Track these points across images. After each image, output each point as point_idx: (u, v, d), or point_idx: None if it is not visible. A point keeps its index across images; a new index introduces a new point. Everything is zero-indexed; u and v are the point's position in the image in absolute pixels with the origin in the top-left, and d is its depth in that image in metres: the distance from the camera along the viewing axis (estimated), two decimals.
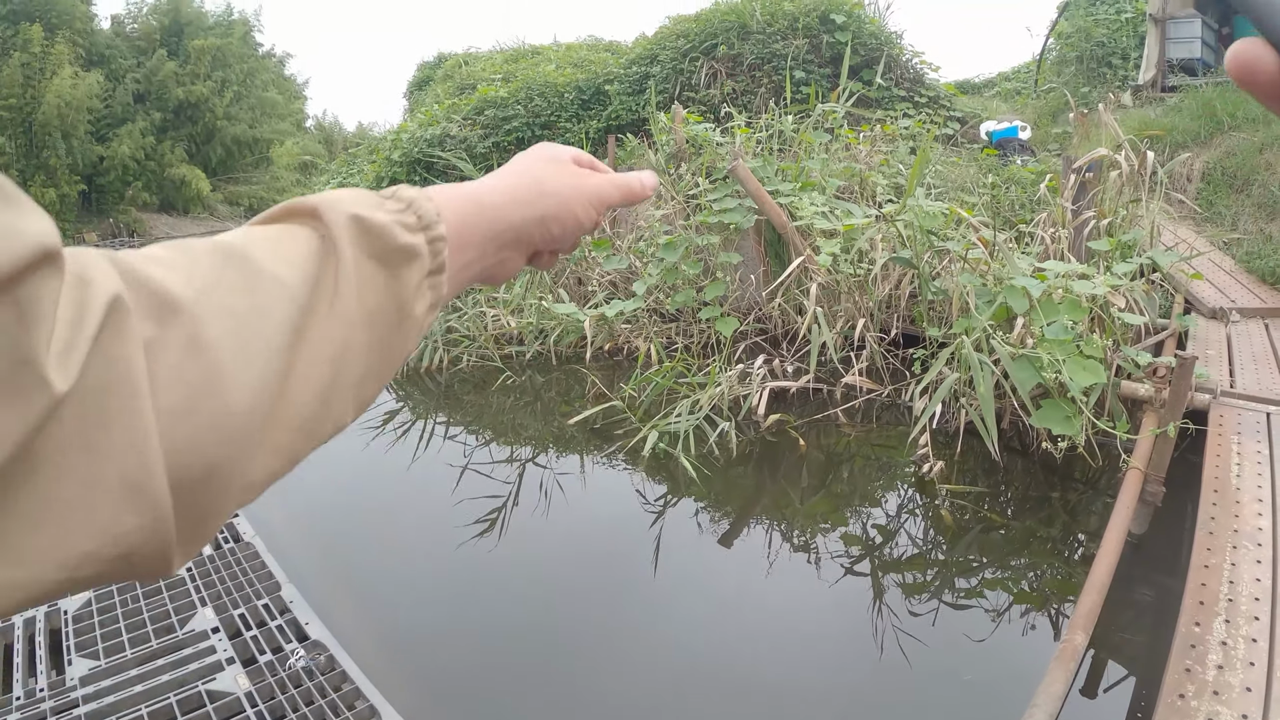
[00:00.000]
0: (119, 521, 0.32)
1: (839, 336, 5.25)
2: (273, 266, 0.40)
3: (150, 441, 0.33)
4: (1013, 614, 3.02)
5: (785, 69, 9.60)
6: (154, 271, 0.36)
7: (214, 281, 0.38)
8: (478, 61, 16.22)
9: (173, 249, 0.39)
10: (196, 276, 0.37)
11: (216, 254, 0.39)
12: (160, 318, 0.35)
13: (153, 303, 0.35)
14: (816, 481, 4.29)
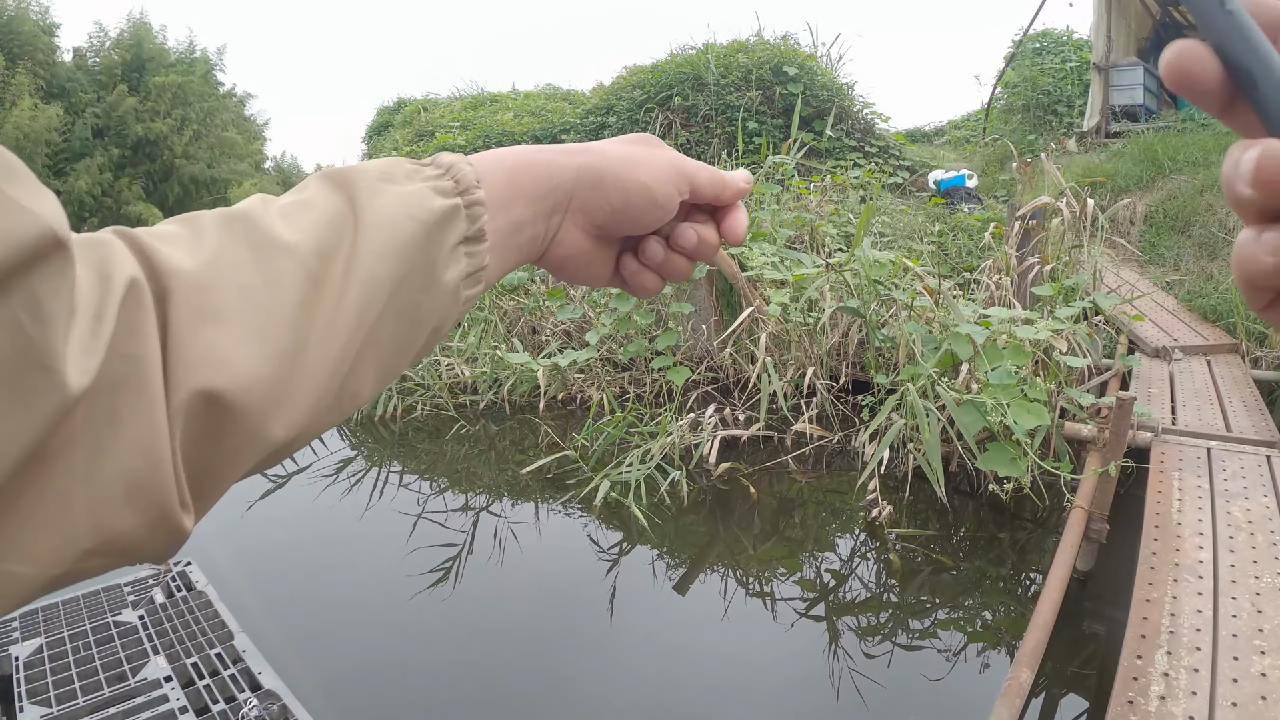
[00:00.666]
0: (120, 519, 0.32)
1: (789, 384, 5.31)
2: (284, 234, 0.39)
3: (159, 439, 0.33)
4: (967, 653, 3.06)
5: (738, 120, 9.81)
6: (162, 249, 0.36)
7: (220, 254, 0.37)
8: (436, 108, 16.31)
9: (181, 223, 0.39)
10: (203, 250, 0.37)
11: (224, 225, 0.39)
12: (167, 295, 0.34)
13: (161, 282, 0.34)
14: (769, 528, 4.32)
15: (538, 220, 0.50)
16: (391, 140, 15.62)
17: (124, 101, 27.92)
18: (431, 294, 0.44)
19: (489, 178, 0.48)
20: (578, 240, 0.53)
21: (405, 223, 0.42)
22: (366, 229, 0.41)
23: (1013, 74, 12.59)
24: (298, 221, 0.40)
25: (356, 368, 0.41)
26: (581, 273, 0.55)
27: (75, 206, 27.34)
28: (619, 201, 0.51)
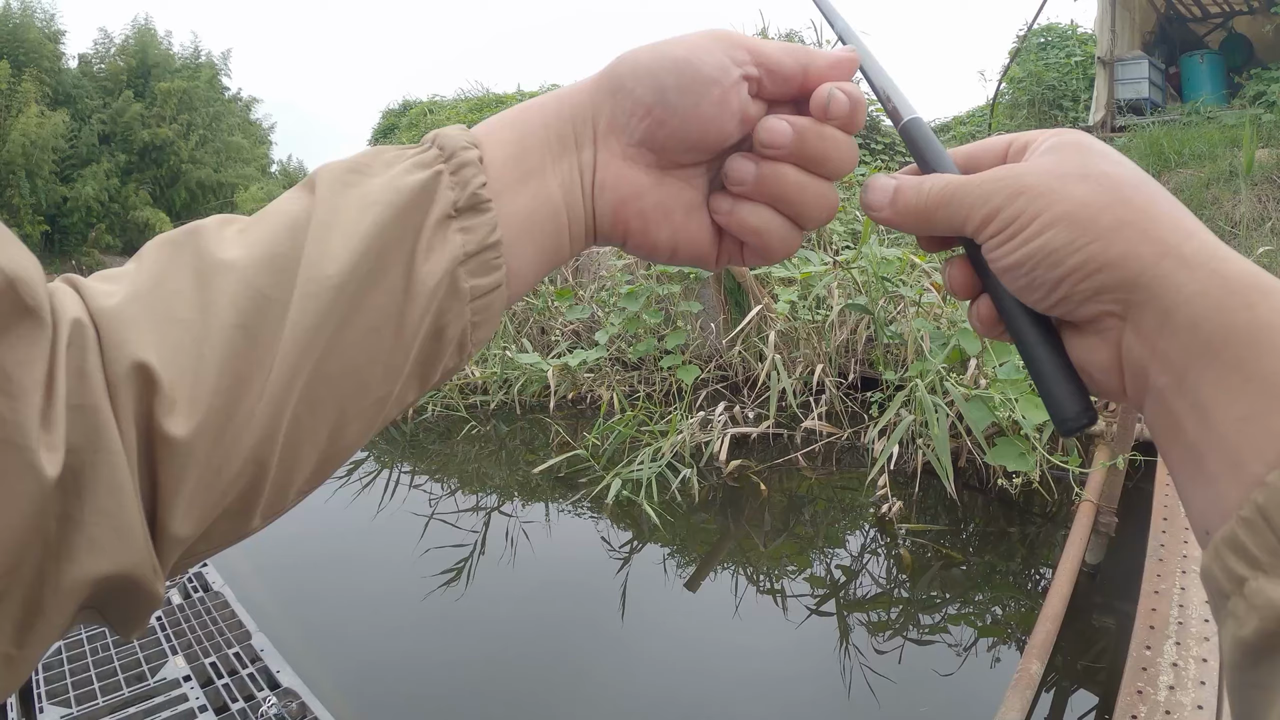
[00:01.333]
0: (86, 584, 0.29)
1: (798, 382, 5.32)
2: (226, 252, 0.34)
3: (126, 503, 0.29)
4: (978, 647, 3.07)
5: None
6: (99, 288, 0.33)
7: (152, 286, 0.33)
8: (442, 110, 16.37)
9: (134, 259, 0.35)
10: (139, 279, 0.33)
11: (164, 250, 0.35)
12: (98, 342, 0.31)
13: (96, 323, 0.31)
14: (779, 525, 4.34)
15: (560, 160, 0.40)
16: (398, 143, 15.65)
17: (130, 107, 28.03)
18: (412, 294, 0.36)
19: (489, 134, 0.40)
20: (630, 176, 0.41)
21: (368, 212, 0.35)
22: (316, 229, 0.35)
23: (1017, 69, 12.53)
24: (250, 236, 0.35)
25: (323, 395, 0.34)
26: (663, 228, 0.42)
27: (83, 212, 27.43)
28: (652, 92, 0.39)
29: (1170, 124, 9.31)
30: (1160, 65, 10.69)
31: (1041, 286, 0.36)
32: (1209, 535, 0.31)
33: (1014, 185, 0.37)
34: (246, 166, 34.72)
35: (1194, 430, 0.32)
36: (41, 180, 25.63)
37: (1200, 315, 0.31)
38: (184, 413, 0.31)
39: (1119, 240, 0.34)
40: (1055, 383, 0.38)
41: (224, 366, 0.32)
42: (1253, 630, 0.27)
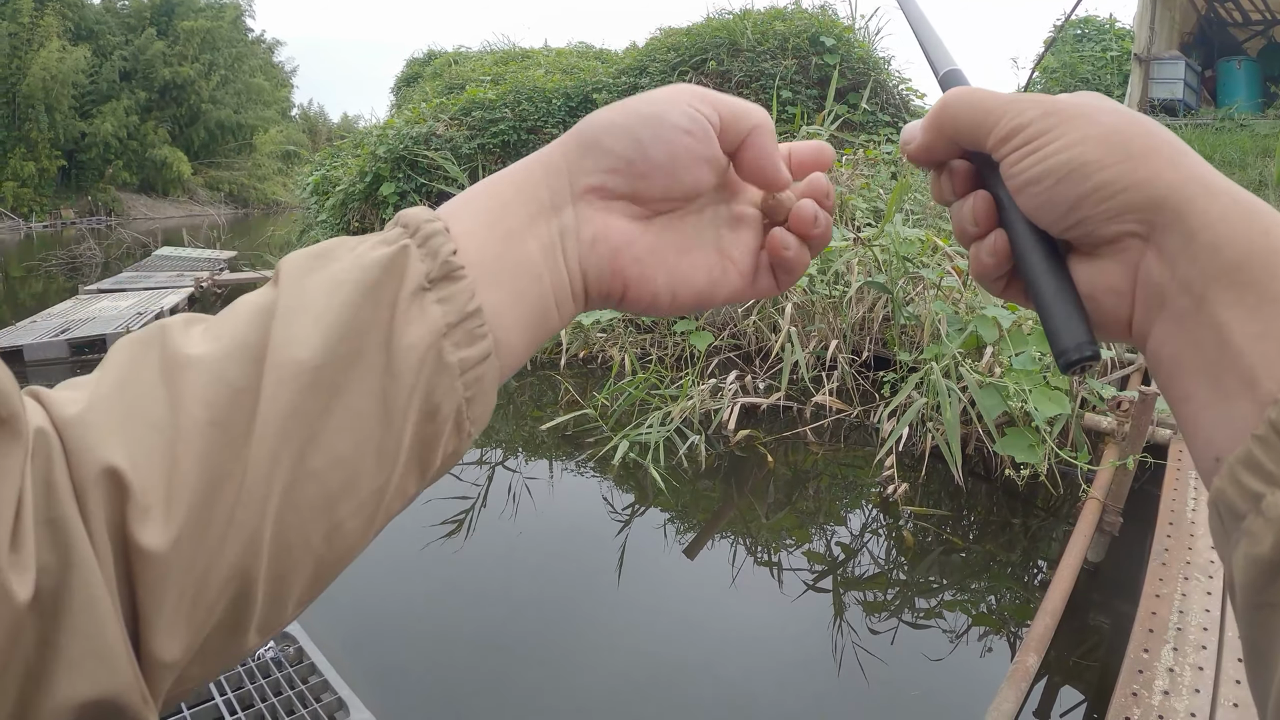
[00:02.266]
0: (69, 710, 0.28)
1: (811, 356, 5.30)
2: (192, 348, 0.32)
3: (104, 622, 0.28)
4: (970, 635, 3.07)
5: (773, 88, 9.70)
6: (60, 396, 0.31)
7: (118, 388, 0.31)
8: (467, 61, 16.22)
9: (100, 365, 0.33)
10: (103, 385, 0.31)
11: (129, 350, 0.33)
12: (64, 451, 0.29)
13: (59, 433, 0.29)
14: (783, 498, 4.34)
15: (536, 223, 0.39)
16: (421, 92, 15.53)
17: (152, 45, 27.89)
18: (394, 372, 0.34)
19: (457, 206, 0.39)
20: (618, 225, 0.41)
21: (336, 292, 0.34)
22: (282, 315, 0.33)
23: (1052, 59, 12.37)
24: (216, 330, 0.33)
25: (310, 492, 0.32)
26: (659, 272, 0.42)
27: (101, 148, 27.49)
28: (629, 146, 0.40)
29: (1203, 128, 9.22)
30: (1197, 68, 10.57)
31: (1064, 202, 0.36)
32: (1219, 462, 0.31)
33: (1047, 104, 0.37)
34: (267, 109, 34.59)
35: (1211, 351, 0.32)
36: (60, 115, 25.64)
37: (1223, 238, 0.32)
38: (159, 521, 0.29)
39: (1147, 163, 0.34)
40: (1063, 313, 0.37)
41: (199, 467, 0.30)
42: (1270, 544, 0.27)
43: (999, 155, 0.38)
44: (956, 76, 0.45)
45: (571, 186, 0.40)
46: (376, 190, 11.02)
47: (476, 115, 11.18)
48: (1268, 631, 0.28)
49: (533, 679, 2.84)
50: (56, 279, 13.47)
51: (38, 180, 25.90)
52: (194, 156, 32.09)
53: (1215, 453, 0.32)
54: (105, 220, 26.58)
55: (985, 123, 0.39)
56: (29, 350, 7.36)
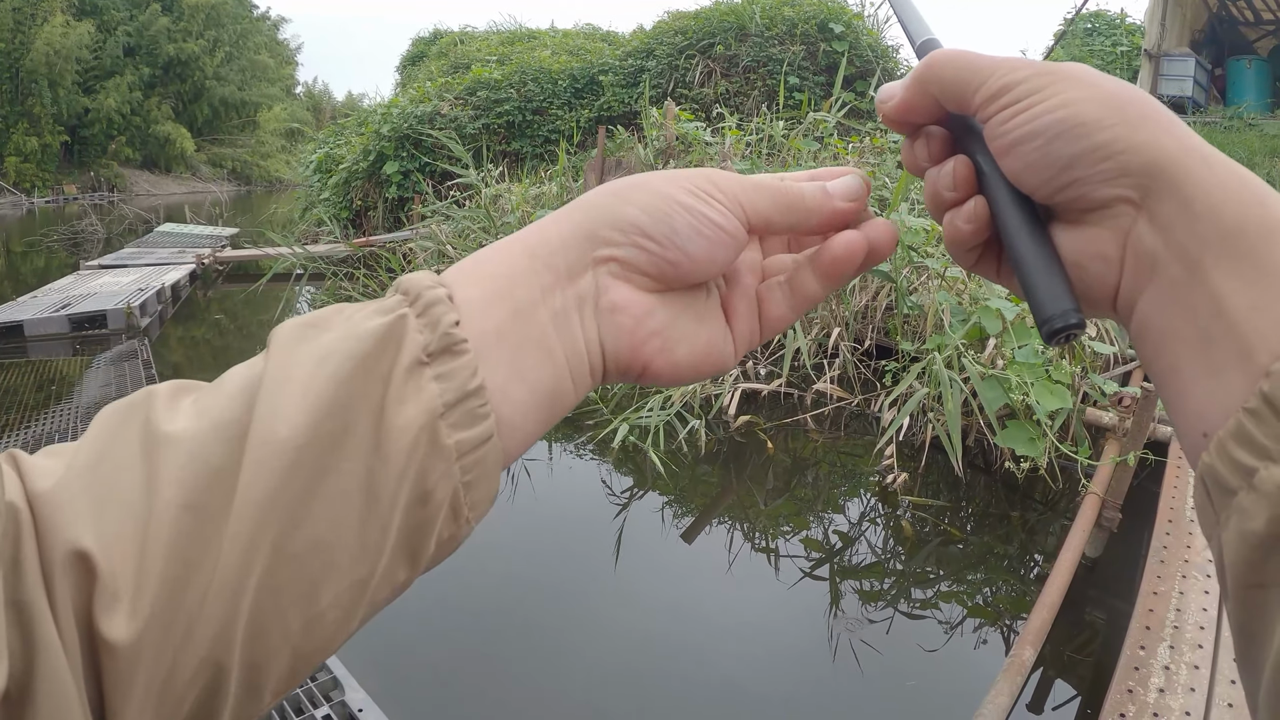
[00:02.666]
0: None
1: (813, 343, 5.28)
2: (173, 424, 0.30)
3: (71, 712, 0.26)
4: (965, 627, 3.07)
5: (780, 74, 9.64)
6: (38, 465, 0.30)
7: (95, 462, 0.30)
8: (473, 41, 16.14)
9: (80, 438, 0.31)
10: (80, 458, 0.30)
11: (111, 421, 0.31)
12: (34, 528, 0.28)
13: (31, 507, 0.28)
14: (781, 484, 4.33)
15: (551, 292, 0.37)
16: (426, 71, 15.47)
17: (156, 21, 27.75)
18: (384, 454, 0.31)
19: (463, 272, 0.36)
20: (637, 296, 0.39)
21: (324, 365, 0.31)
22: (267, 389, 0.31)
23: (1061, 52, 12.32)
24: (201, 404, 0.31)
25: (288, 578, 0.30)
26: (681, 343, 0.40)
27: (104, 124, 27.41)
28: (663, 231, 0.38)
29: (1211, 126, 9.20)
30: (1207, 65, 10.54)
31: (1056, 163, 0.35)
32: (1207, 437, 0.30)
33: (1040, 66, 0.36)
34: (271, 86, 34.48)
35: (1205, 320, 0.31)
36: (63, 90, 25.54)
37: (1219, 206, 0.31)
38: (125, 611, 0.27)
39: (1145, 129, 0.33)
40: (1047, 280, 0.36)
41: (169, 553, 0.28)
42: (1264, 520, 0.27)
43: (985, 114, 0.37)
44: (934, 45, 0.43)
45: (593, 255, 0.38)
46: (380, 169, 10.99)
47: (482, 95, 11.13)
48: (1259, 612, 0.28)
49: (528, 660, 2.84)
50: (58, 255, 13.46)
51: (40, 156, 25.85)
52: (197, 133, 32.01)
53: (1204, 427, 0.31)
54: (107, 196, 26.54)
55: (973, 80, 0.37)
56: (29, 325, 7.35)
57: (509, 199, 7.59)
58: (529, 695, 2.68)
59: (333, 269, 8.22)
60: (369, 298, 7.20)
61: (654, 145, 7.28)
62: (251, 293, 9.46)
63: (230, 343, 8.05)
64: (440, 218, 8.27)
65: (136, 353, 6.56)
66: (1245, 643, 0.29)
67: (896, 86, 0.41)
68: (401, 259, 7.77)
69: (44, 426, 4.96)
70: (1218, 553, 0.30)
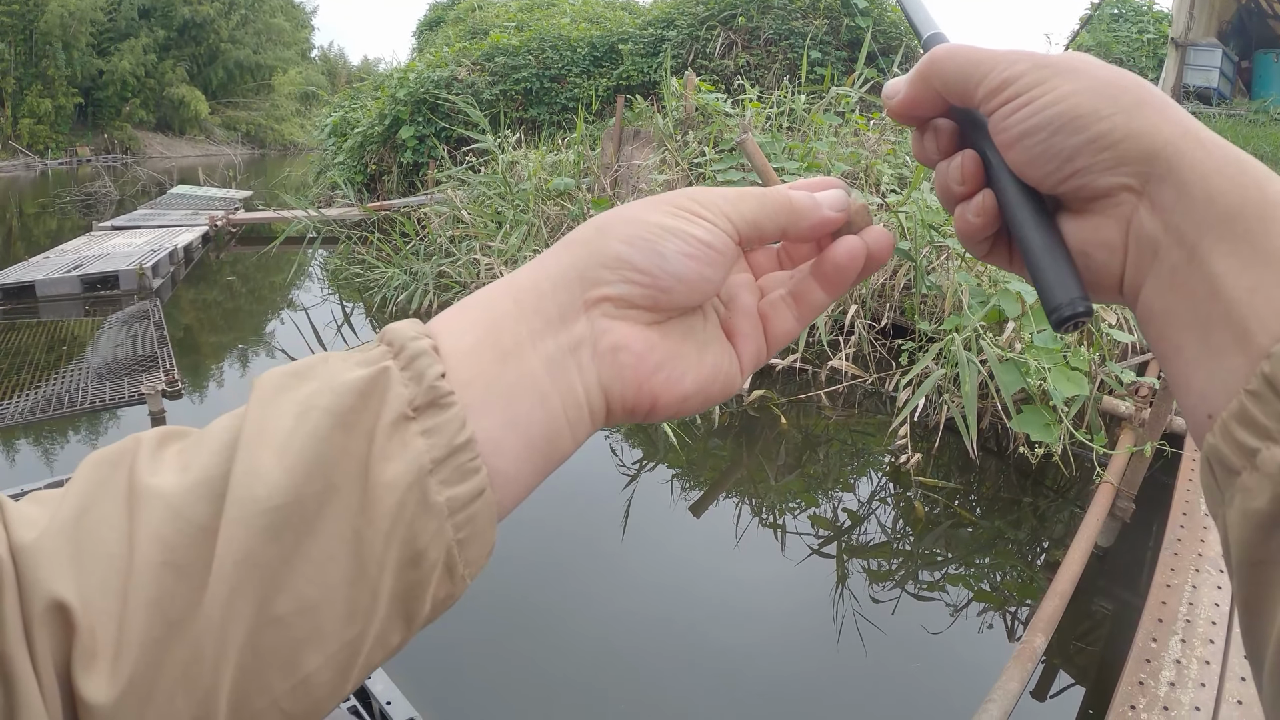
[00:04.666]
0: None
1: (829, 320, 5.25)
2: (163, 477, 0.30)
3: None
4: (970, 611, 3.05)
5: (802, 48, 9.51)
6: (19, 514, 0.29)
7: (78, 515, 0.29)
8: (492, 7, 15.98)
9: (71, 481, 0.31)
10: (64, 510, 0.29)
11: (96, 472, 0.30)
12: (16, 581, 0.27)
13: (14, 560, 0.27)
14: (793, 460, 4.31)
15: (543, 339, 0.35)
16: (443, 36, 15.34)
17: None
18: (370, 515, 0.30)
19: (447, 320, 0.35)
20: (635, 332, 0.37)
21: (303, 420, 0.30)
22: (245, 445, 0.30)
23: (1086, 37, 12.16)
24: (187, 457, 0.30)
25: (273, 642, 0.29)
26: (687, 375, 0.39)
27: (118, 86, 27.34)
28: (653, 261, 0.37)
29: (1236, 119, 9.08)
30: (1233, 57, 10.38)
31: (1059, 155, 0.35)
32: (1211, 419, 0.31)
33: (1038, 58, 0.37)
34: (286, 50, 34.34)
35: (1204, 304, 0.32)
36: (78, 52, 25.46)
37: (1217, 190, 0.32)
38: (105, 671, 0.27)
39: (1141, 115, 0.34)
40: (1055, 269, 0.36)
41: (152, 611, 0.27)
42: (1267, 499, 0.27)
43: (989, 109, 0.38)
44: (940, 40, 0.44)
45: (584, 296, 0.36)
46: (395, 133, 10.94)
47: (499, 61, 11.04)
48: (1263, 588, 0.28)
49: (532, 633, 2.84)
50: (71, 216, 13.49)
51: (54, 117, 25.84)
52: (211, 96, 31.94)
53: (1208, 409, 0.31)
54: (121, 158, 26.55)
55: (974, 75, 0.38)
56: (41, 286, 7.37)
57: (525, 166, 7.54)
58: (534, 667, 2.68)
59: (346, 232, 8.20)
60: (383, 262, 7.13)
61: (673, 115, 7.20)
62: (264, 255, 9.46)
63: (241, 305, 8.06)
64: (456, 183, 8.22)
65: (148, 314, 6.56)
66: (1250, 618, 0.29)
67: (901, 82, 0.42)
68: (416, 223, 7.74)
69: (54, 387, 4.97)
70: (1223, 531, 0.30)
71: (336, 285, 8.21)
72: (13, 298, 7.23)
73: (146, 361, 5.34)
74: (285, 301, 8.03)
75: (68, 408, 4.61)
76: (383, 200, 10.07)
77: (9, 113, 24.82)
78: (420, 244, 7.40)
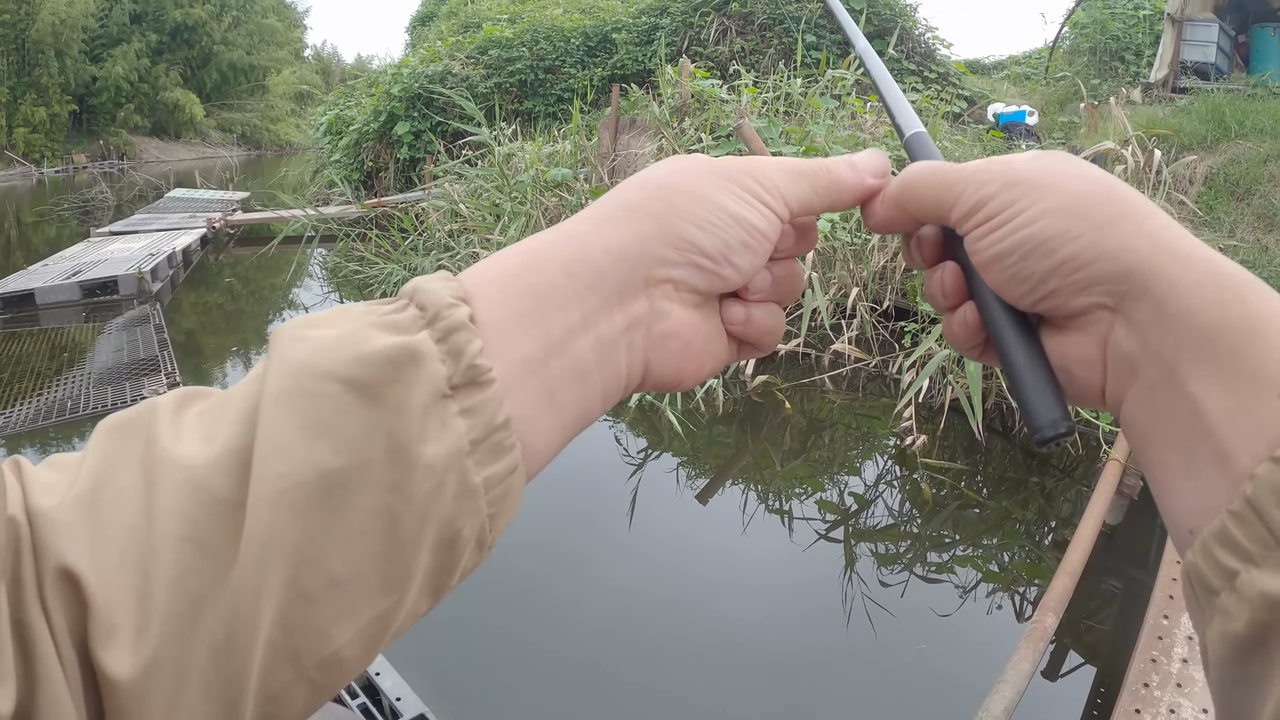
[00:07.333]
0: None
1: (831, 304, 5.22)
2: (183, 446, 0.28)
3: None
4: (979, 592, 3.04)
5: (797, 32, 9.46)
6: (39, 479, 0.28)
7: (94, 483, 0.28)
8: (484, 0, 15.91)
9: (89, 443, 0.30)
10: (80, 477, 0.28)
11: (112, 438, 0.29)
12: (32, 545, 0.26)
13: (31, 525, 0.27)
14: (798, 445, 4.29)
15: (597, 318, 0.34)
16: (436, 30, 15.29)
17: None
18: (409, 491, 0.29)
19: (485, 281, 0.33)
20: (688, 317, 0.37)
21: (324, 389, 0.28)
22: (268, 411, 0.28)
23: (1082, 14, 12.11)
24: (209, 423, 0.29)
25: (303, 618, 0.28)
26: (706, 357, 0.39)
27: (112, 92, 27.29)
28: (719, 247, 0.37)
29: (1235, 93, 9.06)
30: (1230, 32, 10.33)
31: (1031, 278, 0.35)
32: (1192, 535, 0.30)
33: (1008, 174, 0.36)
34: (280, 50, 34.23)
35: (1183, 424, 0.31)
36: (70, 59, 25.41)
37: (1196, 306, 0.31)
38: (129, 645, 0.26)
39: (1115, 232, 0.33)
40: (1035, 389, 0.36)
41: (175, 587, 0.26)
42: (1245, 623, 0.27)
43: (963, 231, 0.37)
44: (922, 140, 0.45)
45: (646, 275, 0.36)
46: (391, 129, 10.92)
47: (493, 54, 11.01)
48: (1241, 707, 0.28)
49: (539, 621, 2.83)
50: (69, 224, 13.47)
51: (49, 126, 25.80)
52: (206, 99, 31.86)
53: (1189, 525, 0.31)
54: (117, 164, 26.51)
55: (946, 199, 0.38)
56: (41, 294, 7.35)
57: (522, 158, 7.53)
58: (541, 655, 2.67)
59: (345, 230, 8.18)
60: (382, 258, 7.11)
61: (669, 103, 7.17)
62: (263, 255, 9.44)
63: (243, 306, 8.04)
64: (453, 177, 8.20)
65: (148, 318, 6.55)
66: None
67: (877, 204, 0.42)
68: (414, 219, 7.73)
69: (56, 394, 4.96)
70: (1202, 647, 0.30)
71: (336, 283, 8.20)
72: (13, 306, 7.21)
73: (148, 365, 5.33)
74: (285, 301, 8.01)
75: (70, 414, 4.60)
76: (380, 197, 10.04)
77: (3, 122, 24.82)
78: (419, 239, 7.39)
